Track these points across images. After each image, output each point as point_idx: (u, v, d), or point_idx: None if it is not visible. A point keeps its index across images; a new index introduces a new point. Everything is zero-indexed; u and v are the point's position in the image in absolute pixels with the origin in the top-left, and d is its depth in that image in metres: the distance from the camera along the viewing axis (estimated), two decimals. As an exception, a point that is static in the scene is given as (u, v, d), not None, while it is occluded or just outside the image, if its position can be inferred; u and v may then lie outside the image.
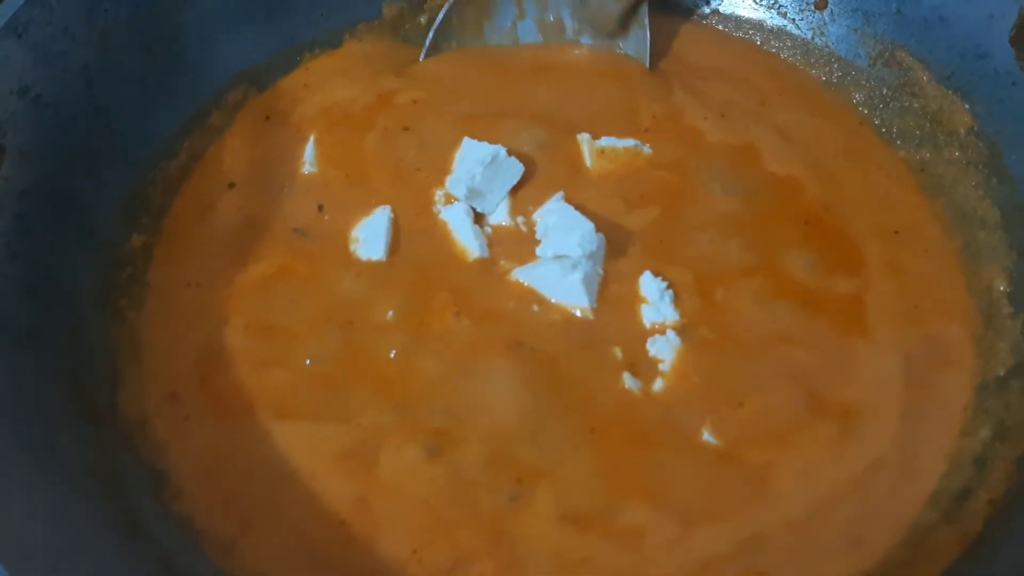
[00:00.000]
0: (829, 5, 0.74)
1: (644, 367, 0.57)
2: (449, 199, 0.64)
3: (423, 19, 0.76)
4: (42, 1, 0.57)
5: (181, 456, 0.55)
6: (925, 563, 0.50)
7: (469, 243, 0.62)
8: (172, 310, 0.61)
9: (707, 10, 0.78)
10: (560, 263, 0.59)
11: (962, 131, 0.66)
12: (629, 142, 0.67)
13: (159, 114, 0.65)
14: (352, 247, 0.63)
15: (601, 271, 0.61)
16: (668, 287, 0.60)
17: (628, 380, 0.57)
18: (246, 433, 0.55)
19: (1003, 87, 0.63)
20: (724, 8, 0.78)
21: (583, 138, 0.67)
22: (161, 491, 0.53)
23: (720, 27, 0.78)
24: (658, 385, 0.57)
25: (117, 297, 0.60)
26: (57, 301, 0.56)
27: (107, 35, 0.62)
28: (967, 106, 0.66)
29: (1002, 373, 0.57)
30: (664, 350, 0.58)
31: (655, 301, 0.59)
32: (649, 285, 0.60)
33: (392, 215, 0.63)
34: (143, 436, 0.55)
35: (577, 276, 0.59)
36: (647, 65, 0.73)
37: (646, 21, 0.72)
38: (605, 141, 0.67)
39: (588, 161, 0.66)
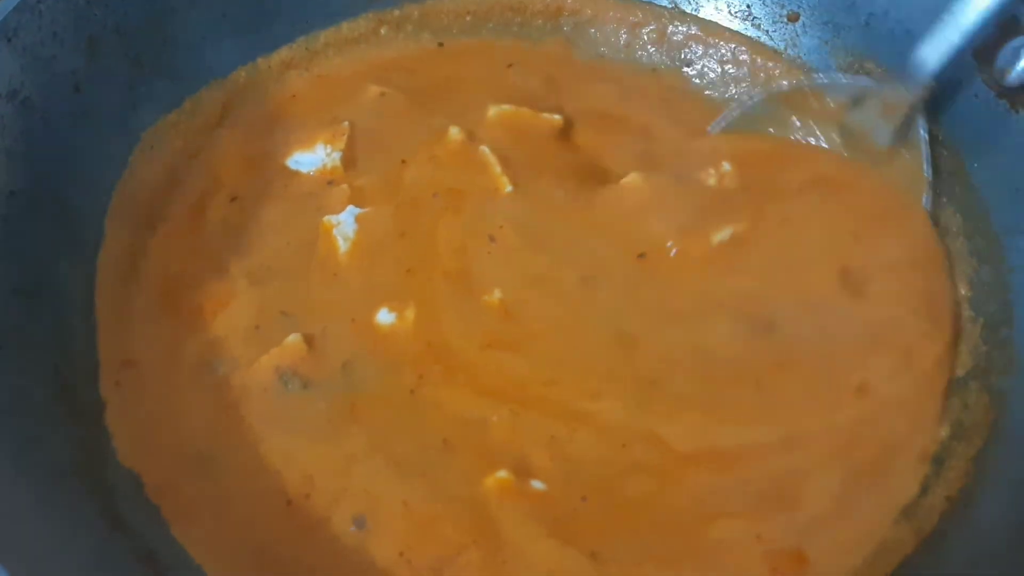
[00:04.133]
0: (801, 18, 0.76)
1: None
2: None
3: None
4: (32, 7, 0.58)
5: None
6: (882, 556, 0.52)
7: None
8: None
9: (685, 21, 0.79)
10: None
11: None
12: None
13: (145, 118, 0.66)
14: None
15: None
16: None
17: None
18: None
19: (966, 98, 0.65)
20: (702, 17, 0.80)
21: None
22: (142, 486, 0.54)
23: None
24: None
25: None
26: (43, 301, 0.57)
27: (95, 41, 0.63)
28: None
29: (961, 375, 0.59)
30: None
31: None
32: None
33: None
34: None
35: None
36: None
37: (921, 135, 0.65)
38: None
39: None
